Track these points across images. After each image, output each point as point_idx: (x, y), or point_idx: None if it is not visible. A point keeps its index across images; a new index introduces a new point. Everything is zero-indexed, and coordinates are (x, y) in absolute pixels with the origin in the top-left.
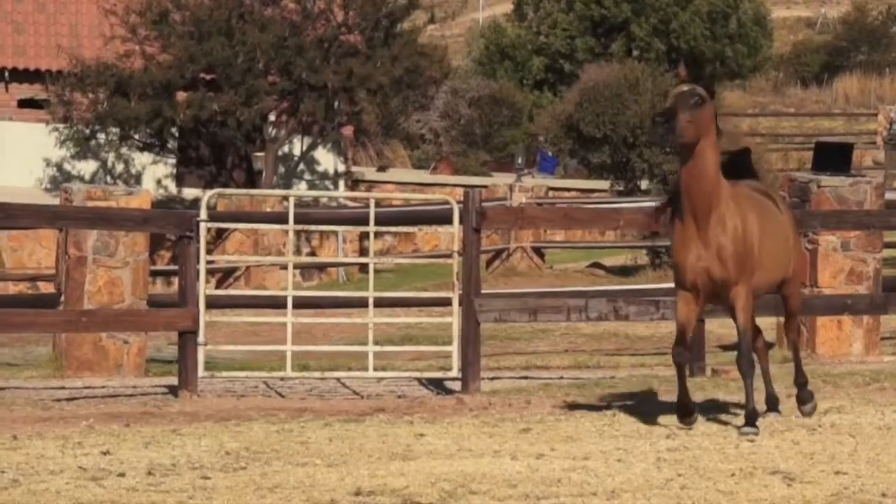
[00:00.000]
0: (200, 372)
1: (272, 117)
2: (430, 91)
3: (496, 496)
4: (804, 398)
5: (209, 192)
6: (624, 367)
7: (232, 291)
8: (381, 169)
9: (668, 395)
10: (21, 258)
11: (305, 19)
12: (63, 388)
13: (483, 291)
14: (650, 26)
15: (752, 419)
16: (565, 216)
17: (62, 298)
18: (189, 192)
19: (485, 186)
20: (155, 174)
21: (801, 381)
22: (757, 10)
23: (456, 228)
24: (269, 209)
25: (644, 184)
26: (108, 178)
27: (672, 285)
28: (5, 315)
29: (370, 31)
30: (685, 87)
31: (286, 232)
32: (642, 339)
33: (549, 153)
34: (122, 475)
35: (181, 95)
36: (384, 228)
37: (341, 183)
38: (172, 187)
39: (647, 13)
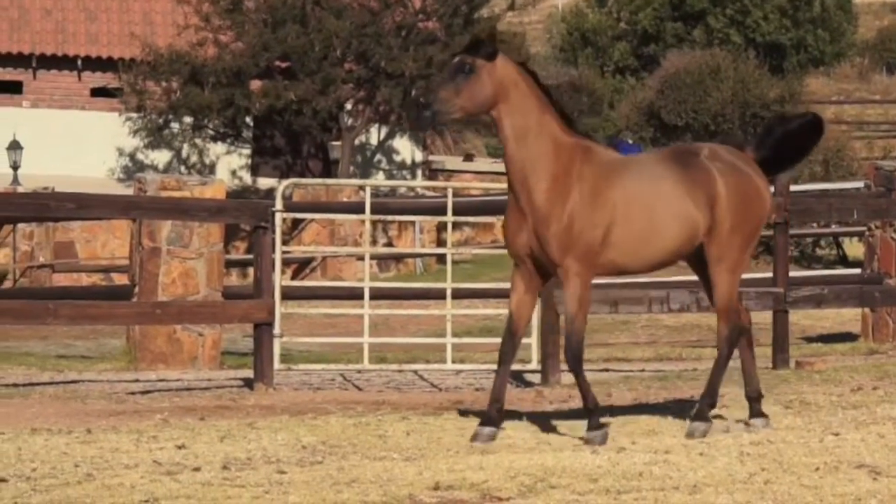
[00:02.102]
0: (276, 364)
1: (349, 106)
2: None
3: (576, 490)
4: (756, 412)
5: (285, 182)
6: (706, 360)
7: (308, 283)
8: (468, 158)
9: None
10: (94, 249)
11: (383, 6)
12: (137, 381)
13: None
14: (727, 17)
15: (593, 423)
16: None
17: (136, 290)
18: (264, 182)
19: None
20: (230, 164)
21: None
22: None
23: None
24: (345, 199)
25: None
26: (182, 169)
27: (760, 276)
28: (79, 307)
29: (449, 18)
30: (455, 59)
31: (363, 222)
32: None
33: (630, 141)
34: (197, 469)
35: (255, 84)
36: (462, 218)
37: (419, 172)
38: (247, 177)
39: (724, 3)
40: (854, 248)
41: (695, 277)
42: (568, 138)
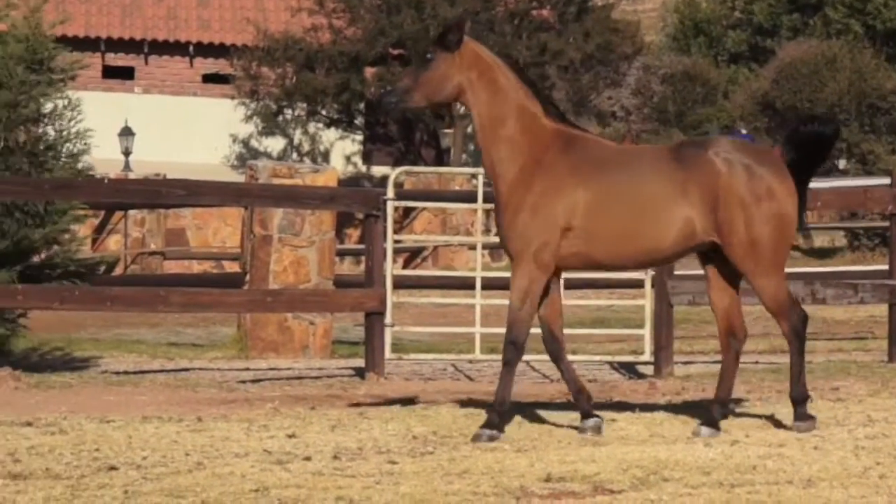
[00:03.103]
0: (387, 354)
1: None
2: (621, 67)
3: (689, 483)
4: (711, 420)
5: (397, 170)
6: (820, 352)
7: (419, 272)
8: None
9: (864, 381)
10: (205, 236)
11: None
12: (248, 369)
13: (676, 273)
14: (846, 6)
15: (492, 420)
16: None
17: (247, 278)
18: (377, 170)
19: None
20: (343, 151)
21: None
22: None
23: None
24: (457, 187)
25: (842, 163)
26: (296, 155)
27: (876, 268)
28: (190, 295)
29: (562, 6)
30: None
31: (475, 211)
32: (839, 323)
33: (744, 131)
34: (307, 459)
35: (369, 71)
36: None
37: None
38: (361, 164)
39: None
40: None
41: (810, 269)
42: (548, 127)
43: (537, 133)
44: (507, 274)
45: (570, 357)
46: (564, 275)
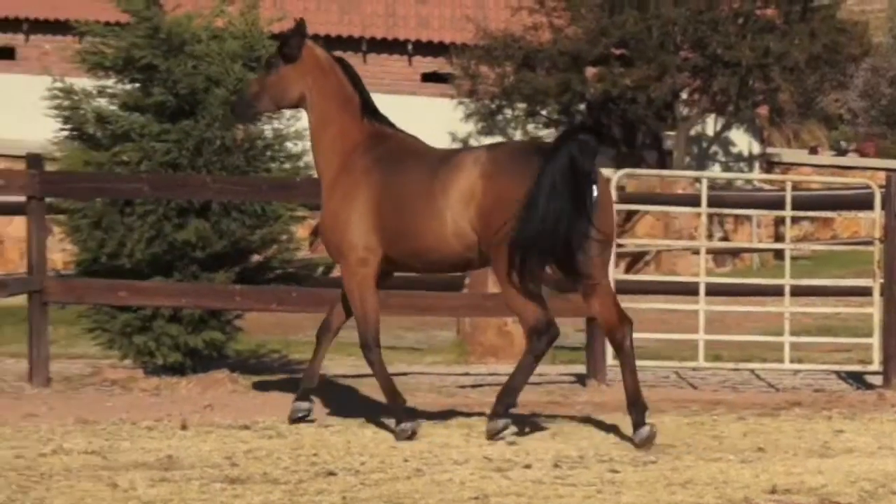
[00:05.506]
0: (609, 360)
1: (684, 95)
2: (848, 69)
3: None
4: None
5: (619, 173)
6: None
7: (641, 277)
8: (812, 151)
9: None
10: None
11: None
12: (467, 374)
13: None
14: None
15: (394, 412)
16: None
17: (466, 281)
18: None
19: None
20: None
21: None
22: None
23: (877, 214)
24: (680, 191)
25: None
26: None
27: None
28: (409, 298)
29: (787, 6)
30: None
31: (698, 215)
32: None
33: None
34: (527, 466)
35: (590, 71)
36: (801, 213)
37: (756, 165)
38: None
39: None
40: None
41: None
42: (363, 129)
43: (352, 135)
44: (734, 280)
45: (795, 366)
46: (792, 281)
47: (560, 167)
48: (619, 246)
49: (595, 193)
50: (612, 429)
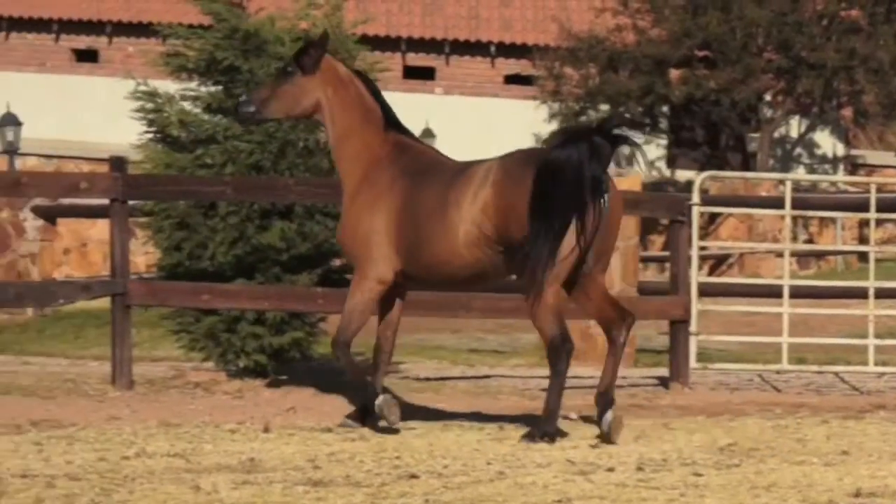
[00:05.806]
0: (692, 363)
1: (768, 97)
2: None
3: None
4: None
5: (702, 175)
6: None
7: (725, 279)
8: None
9: None
10: None
11: None
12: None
13: None
14: None
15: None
16: None
17: None
18: (681, 174)
19: None
20: (647, 155)
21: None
22: None
23: None
24: (763, 193)
25: None
26: None
27: None
28: (492, 300)
29: (872, 7)
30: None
31: (782, 218)
32: None
33: None
34: (610, 470)
35: (674, 73)
36: (886, 215)
37: (840, 167)
38: (665, 169)
39: None
40: None
41: None
42: (384, 141)
43: (374, 148)
44: (818, 282)
45: (880, 368)
46: (876, 283)
47: (560, 175)
48: (703, 249)
49: (606, 202)
50: (696, 432)
